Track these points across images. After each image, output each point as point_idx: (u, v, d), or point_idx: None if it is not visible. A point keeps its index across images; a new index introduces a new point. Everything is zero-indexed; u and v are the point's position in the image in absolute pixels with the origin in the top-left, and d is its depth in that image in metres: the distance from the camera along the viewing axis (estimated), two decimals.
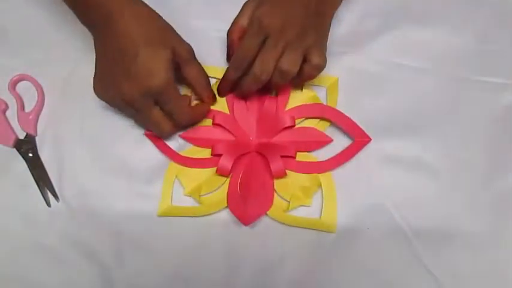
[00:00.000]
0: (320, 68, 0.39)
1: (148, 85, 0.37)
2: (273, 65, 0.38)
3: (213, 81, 0.45)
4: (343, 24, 0.47)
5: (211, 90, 0.43)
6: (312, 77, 0.40)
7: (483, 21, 0.47)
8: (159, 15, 0.39)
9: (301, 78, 0.40)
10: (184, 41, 0.40)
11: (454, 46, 0.46)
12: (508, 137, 0.45)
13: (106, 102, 0.41)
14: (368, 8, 0.47)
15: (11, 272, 0.42)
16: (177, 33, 0.40)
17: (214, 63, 0.45)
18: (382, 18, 0.47)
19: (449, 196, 0.44)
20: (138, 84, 0.37)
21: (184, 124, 0.42)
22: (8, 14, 0.47)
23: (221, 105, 0.44)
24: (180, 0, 0.47)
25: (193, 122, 0.43)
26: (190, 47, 0.41)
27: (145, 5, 0.38)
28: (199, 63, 0.42)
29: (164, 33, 0.39)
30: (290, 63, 0.38)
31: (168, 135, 0.43)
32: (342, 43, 0.46)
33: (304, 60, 0.39)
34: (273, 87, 0.42)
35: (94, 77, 0.40)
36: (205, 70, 0.43)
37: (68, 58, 0.46)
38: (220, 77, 0.43)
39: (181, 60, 0.40)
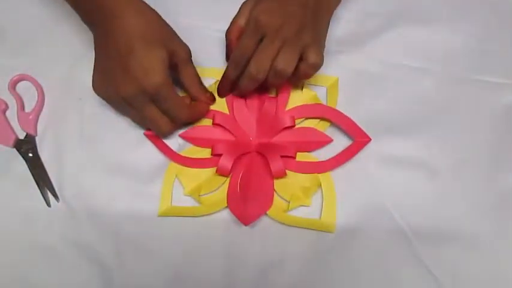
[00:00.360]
0: (317, 66, 0.39)
1: (144, 84, 0.37)
2: (269, 64, 0.38)
3: (212, 81, 0.45)
4: (343, 24, 0.47)
5: (206, 92, 0.43)
6: (309, 75, 0.40)
7: (483, 21, 0.47)
8: (160, 16, 0.39)
9: (297, 77, 0.39)
10: (183, 42, 0.40)
11: (454, 46, 0.46)
12: (508, 137, 0.45)
13: (104, 99, 0.41)
14: (368, 8, 0.47)
15: (10, 272, 0.42)
16: (177, 34, 0.40)
17: (214, 64, 0.45)
18: (382, 18, 0.47)
19: (449, 196, 0.43)
20: (134, 82, 0.37)
21: (183, 122, 0.42)
22: (7, 14, 0.47)
23: (221, 105, 0.44)
24: (180, 0, 0.47)
25: (191, 121, 0.43)
26: (189, 48, 0.41)
27: (147, 4, 0.39)
28: (194, 66, 0.42)
29: (163, 33, 0.39)
30: (285, 63, 0.38)
31: (167, 134, 0.42)
32: (342, 43, 0.46)
33: (301, 58, 0.38)
34: (269, 86, 0.42)
35: (93, 74, 0.40)
36: (205, 71, 0.43)
37: (67, 58, 0.46)
38: (220, 77, 0.43)
39: (179, 61, 0.40)
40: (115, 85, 0.38)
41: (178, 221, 0.43)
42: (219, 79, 0.43)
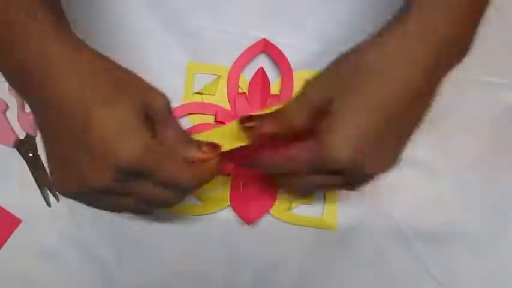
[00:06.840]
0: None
1: (118, 161, 0.26)
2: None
3: (214, 77, 0.45)
4: (343, 24, 0.47)
5: (202, 146, 0.30)
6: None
7: (484, 20, 0.47)
8: (113, 62, 0.29)
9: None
10: (159, 90, 0.30)
11: None
12: (508, 137, 0.45)
13: (77, 199, 0.31)
14: (368, 8, 0.47)
15: (11, 272, 0.42)
16: (146, 81, 0.30)
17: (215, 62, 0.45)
18: (382, 19, 0.47)
19: (449, 196, 0.43)
20: (104, 163, 0.27)
21: (191, 187, 0.30)
22: None
23: (223, 101, 0.44)
24: (185, 1, 0.47)
25: (200, 182, 0.31)
26: (167, 98, 0.30)
27: (93, 51, 0.29)
28: (177, 121, 0.31)
29: (124, 83, 0.28)
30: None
31: (177, 203, 0.32)
32: (342, 43, 0.46)
33: None
34: None
35: (49, 170, 0.30)
36: (211, 68, 0.43)
37: None
38: (223, 74, 0.43)
39: (155, 116, 0.29)
40: (81, 177, 0.27)
41: (179, 221, 0.43)
42: (221, 75, 0.43)
